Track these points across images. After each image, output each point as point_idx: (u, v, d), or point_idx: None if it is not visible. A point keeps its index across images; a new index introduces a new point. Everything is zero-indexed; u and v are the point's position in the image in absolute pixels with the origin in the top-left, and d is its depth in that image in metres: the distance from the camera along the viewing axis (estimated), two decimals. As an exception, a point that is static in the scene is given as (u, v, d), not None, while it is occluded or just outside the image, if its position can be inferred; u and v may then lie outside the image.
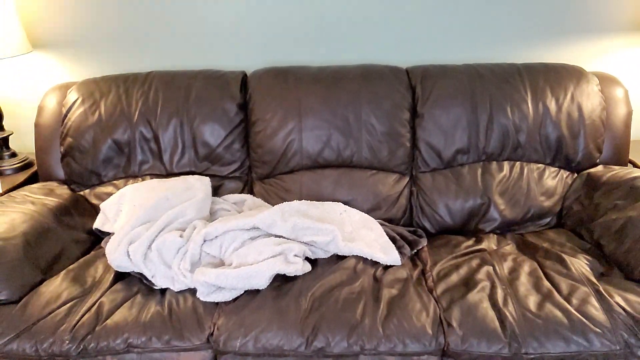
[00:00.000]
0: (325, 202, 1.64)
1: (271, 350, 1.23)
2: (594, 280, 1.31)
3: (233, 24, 1.90)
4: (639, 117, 1.74)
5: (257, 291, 1.34)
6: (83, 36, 1.92)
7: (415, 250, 1.54)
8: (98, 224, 1.64)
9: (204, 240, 1.43)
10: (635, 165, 1.74)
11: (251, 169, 1.79)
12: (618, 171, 1.57)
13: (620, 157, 1.70)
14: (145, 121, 1.73)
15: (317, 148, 1.70)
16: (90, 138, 1.73)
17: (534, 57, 1.83)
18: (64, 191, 1.71)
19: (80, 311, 1.31)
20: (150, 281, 1.41)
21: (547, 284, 1.32)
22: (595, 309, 1.22)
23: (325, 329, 1.23)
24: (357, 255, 1.46)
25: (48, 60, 1.96)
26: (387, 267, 1.45)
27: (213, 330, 1.28)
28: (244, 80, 1.80)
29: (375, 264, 1.45)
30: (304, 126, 1.70)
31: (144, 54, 1.95)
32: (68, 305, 1.32)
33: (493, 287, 1.32)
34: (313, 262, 1.46)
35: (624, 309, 1.21)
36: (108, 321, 1.29)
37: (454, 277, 1.38)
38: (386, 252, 1.47)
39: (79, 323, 1.28)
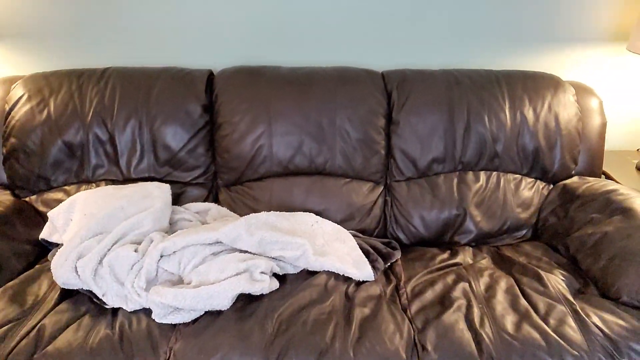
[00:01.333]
0: (296, 213, 1.54)
1: None
2: (571, 298, 1.27)
3: (201, 19, 1.77)
4: (609, 128, 1.72)
5: (219, 312, 1.24)
6: (32, 26, 1.75)
7: (389, 264, 1.47)
8: (45, 234, 1.49)
9: (161, 256, 1.31)
10: (608, 176, 1.73)
11: (216, 175, 1.68)
12: (593, 183, 1.55)
13: (594, 169, 1.68)
14: (100, 121, 1.59)
15: (288, 154, 1.60)
16: (37, 139, 1.57)
17: (510, 64, 1.79)
18: (5, 197, 1.55)
19: (16, 336, 1.17)
20: (101, 300, 1.28)
21: (524, 302, 1.27)
22: (572, 330, 1.18)
23: (292, 354, 1.14)
24: (328, 271, 1.38)
25: (-9, 50, 1.78)
26: (359, 283, 1.37)
27: (169, 356, 1.17)
28: (210, 79, 1.68)
29: (347, 279, 1.37)
30: (275, 131, 1.59)
31: (101, 48, 1.79)
32: (3, 329, 1.18)
33: (469, 305, 1.27)
34: (281, 277, 1.37)
35: (601, 330, 1.17)
36: (49, 347, 1.15)
37: (429, 294, 1.32)
38: (359, 267, 1.39)
39: (14, 350, 1.14)
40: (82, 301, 1.29)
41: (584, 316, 1.20)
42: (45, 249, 1.51)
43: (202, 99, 1.62)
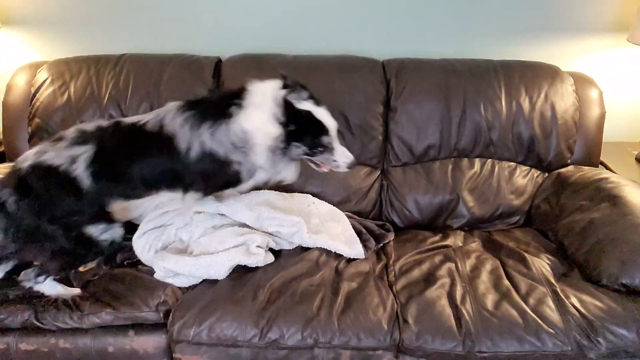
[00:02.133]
0: (295, 194, 1.62)
1: (225, 340, 1.23)
2: (553, 281, 1.31)
3: (211, 9, 1.85)
4: (611, 119, 1.73)
5: (216, 280, 1.33)
6: (56, 15, 1.87)
7: (382, 244, 1.53)
8: None
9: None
10: (606, 167, 1.74)
11: (221, 157, 1.77)
12: (586, 172, 1.57)
13: (591, 158, 1.70)
14: (115, 104, 1.70)
15: (290, 138, 1.68)
16: (58, 119, 1.70)
17: (512, 54, 1.80)
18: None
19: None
20: None
21: (506, 283, 1.32)
22: (550, 309, 1.22)
23: (280, 321, 1.23)
24: (321, 248, 1.46)
25: (18, 38, 1.91)
26: (350, 260, 1.44)
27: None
28: (218, 65, 1.77)
29: (339, 256, 1.45)
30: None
31: (119, 36, 1.90)
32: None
33: (453, 284, 1.32)
34: (277, 252, 1.45)
35: (578, 311, 1.21)
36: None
37: (416, 273, 1.38)
38: (350, 246, 1.46)
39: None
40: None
41: (563, 297, 1.24)
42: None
43: (209, 84, 1.72)
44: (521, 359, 1.18)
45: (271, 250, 1.45)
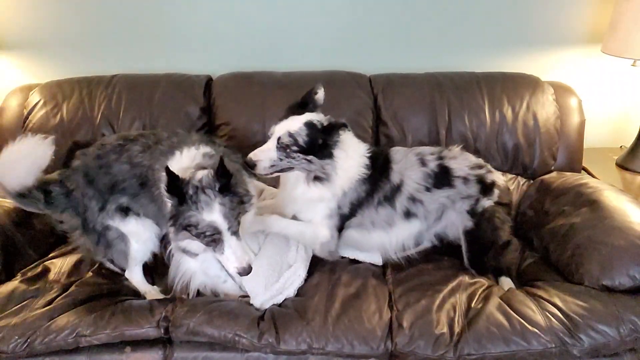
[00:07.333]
0: None
1: (222, 337, 1.23)
2: (534, 287, 1.33)
3: (201, 29, 1.90)
4: (591, 126, 1.79)
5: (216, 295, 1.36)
6: (47, 38, 1.91)
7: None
8: None
9: None
10: (588, 172, 1.79)
11: (214, 172, 1.80)
12: (568, 177, 1.62)
13: (573, 164, 1.75)
14: (107, 124, 1.73)
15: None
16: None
17: (493, 66, 1.87)
18: (23, 193, 1.69)
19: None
20: None
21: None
22: (532, 311, 1.24)
23: (278, 325, 1.24)
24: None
25: (10, 61, 1.94)
26: (353, 264, 1.46)
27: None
28: (208, 84, 1.81)
29: (342, 259, 1.47)
30: (268, 131, 1.71)
31: (110, 57, 1.94)
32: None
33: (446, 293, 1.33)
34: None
35: (560, 310, 1.23)
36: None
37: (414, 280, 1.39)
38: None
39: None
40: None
41: (542, 300, 1.26)
42: (58, 240, 1.63)
43: (200, 102, 1.76)
44: (508, 359, 1.20)
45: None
